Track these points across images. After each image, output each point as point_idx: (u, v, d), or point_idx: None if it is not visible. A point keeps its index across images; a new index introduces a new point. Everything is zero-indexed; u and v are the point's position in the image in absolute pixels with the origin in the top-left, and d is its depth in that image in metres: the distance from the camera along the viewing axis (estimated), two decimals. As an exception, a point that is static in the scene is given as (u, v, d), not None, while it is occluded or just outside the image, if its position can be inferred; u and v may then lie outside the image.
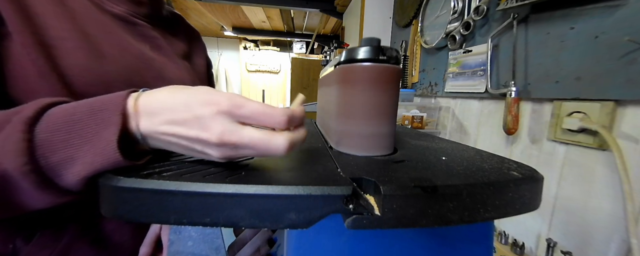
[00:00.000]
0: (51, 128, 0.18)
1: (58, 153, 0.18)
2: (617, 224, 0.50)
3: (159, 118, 0.19)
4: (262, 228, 0.18)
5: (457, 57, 0.91)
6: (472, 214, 0.18)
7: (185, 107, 0.19)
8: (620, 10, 0.48)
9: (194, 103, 0.19)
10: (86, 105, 0.19)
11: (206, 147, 0.19)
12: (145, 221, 0.18)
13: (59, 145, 0.18)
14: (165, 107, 0.19)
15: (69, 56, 0.26)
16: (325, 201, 0.17)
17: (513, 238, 0.68)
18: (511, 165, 0.24)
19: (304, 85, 2.16)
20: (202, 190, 0.17)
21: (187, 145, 0.19)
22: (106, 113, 0.19)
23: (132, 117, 0.19)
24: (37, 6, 0.25)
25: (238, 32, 3.19)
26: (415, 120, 0.95)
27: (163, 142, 0.20)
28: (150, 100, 0.20)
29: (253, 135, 0.18)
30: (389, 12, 1.45)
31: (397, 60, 0.25)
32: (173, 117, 0.19)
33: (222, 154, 0.19)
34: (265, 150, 0.19)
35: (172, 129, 0.19)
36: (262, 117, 0.19)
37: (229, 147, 0.19)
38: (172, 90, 0.20)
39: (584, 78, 0.54)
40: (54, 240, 0.29)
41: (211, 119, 0.18)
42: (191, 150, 0.20)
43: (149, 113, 0.19)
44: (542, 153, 0.64)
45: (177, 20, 0.45)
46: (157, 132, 0.19)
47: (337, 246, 0.23)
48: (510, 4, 0.65)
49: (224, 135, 0.18)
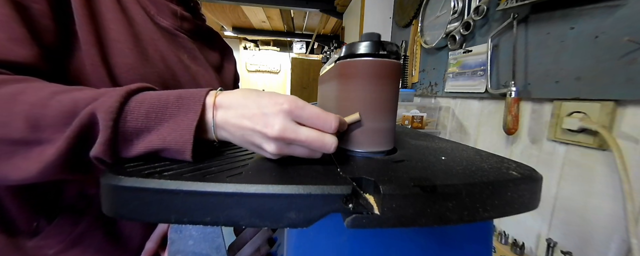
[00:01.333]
0: (142, 101, 0.22)
1: (138, 122, 0.21)
2: (617, 224, 0.50)
3: (233, 112, 0.22)
4: (263, 227, 0.18)
5: (457, 57, 0.91)
6: (471, 213, 0.18)
7: (255, 104, 0.22)
8: (620, 10, 0.48)
9: (264, 103, 0.22)
10: (174, 93, 0.23)
11: (265, 140, 0.21)
12: (146, 221, 0.18)
13: (139, 115, 0.21)
14: (239, 103, 0.23)
15: (119, 55, 0.31)
16: (325, 201, 0.17)
17: (513, 238, 0.68)
18: (510, 165, 0.24)
19: (303, 85, 2.16)
20: (203, 189, 0.17)
21: (249, 138, 0.22)
22: (190, 101, 0.22)
23: (209, 109, 0.23)
24: (104, 12, 0.31)
25: (238, 32, 3.19)
26: (415, 120, 0.95)
27: (230, 133, 0.23)
28: (228, 97, 0.23)
29: (309, 134, 0.21)
30: (389, 12, 1.45)
31: (398, 55, 0.25)
32: (244, 111, 0.22)
33: (277, 149, 0.21)
34: (319, 147, 0.21)
35: (241, 122, 0.22)
36: (318, 120, 0.22)
37: (285, 142, 0.21)
38: (245, 92, 0.24)
39: (584, 78, 0.54)
40: (72, 225, 0.31)
41: (274, 116, 0.21)
42: (251, 144, 0.23)
43: (225, 107, 0.23)
44: (542, 153, 0.64)
45: (214, 36, 0.52)
46: (228, 123, 0.22)
47: (337, 246, 0.23)
48: (510, 4, 0.65)
49: (283, 131, 0.21)
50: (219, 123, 0.23)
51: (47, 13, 0.27)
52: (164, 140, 0.21)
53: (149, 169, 0.20)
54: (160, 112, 0.22)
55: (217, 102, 0.23)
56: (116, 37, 0.31)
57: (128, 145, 0.22)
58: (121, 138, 0.21)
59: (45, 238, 0.31)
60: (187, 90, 0.24)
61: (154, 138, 0.22)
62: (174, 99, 0.22)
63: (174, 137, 0.21)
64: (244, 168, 0.21)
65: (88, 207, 0.32)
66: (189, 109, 0.22)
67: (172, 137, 0.21)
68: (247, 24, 2.98)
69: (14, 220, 0.30)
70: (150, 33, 0.35)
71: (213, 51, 0.49)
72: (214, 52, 0.49)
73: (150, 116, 0.22)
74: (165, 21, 0.38)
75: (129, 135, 0.22)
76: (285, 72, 3.70)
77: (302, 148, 0.22)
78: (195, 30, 0.44)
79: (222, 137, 0.24)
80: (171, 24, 0.39)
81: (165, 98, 0.22)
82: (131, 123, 0.21)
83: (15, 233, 0.30)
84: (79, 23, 0.28)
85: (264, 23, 2.95)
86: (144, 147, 0.22)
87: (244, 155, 0.25)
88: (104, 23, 0.30)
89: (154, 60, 0.34)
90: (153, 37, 0.35)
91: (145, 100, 0.22)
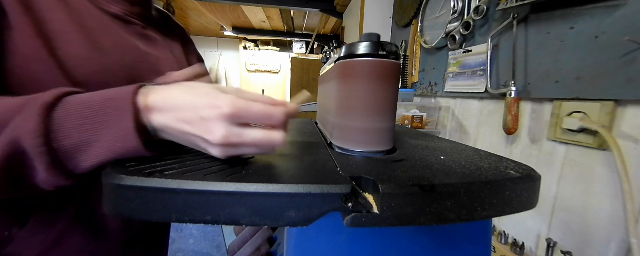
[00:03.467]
0: (67, 114, 0.20)
1: (72, 138, 0.19)
2: (617, 224, 0.50)
3: (170, 115, 0.21)
4: (263, 226, 0.18)
5: (457, 57, 0.91)
6: (470, 212, 0.18)
7: (192, 108, 0.20)
8: (620, 10, 0.48)
9: (200, 105, 0.20)
10: (99, 96, 0.21)
11: (209, 146, 0.21)
12: (148, 219, 0.18)
13: (73, 129, 0.19)
14: (175, 105, 0.21)
15: (69, 47, 0.28)
16: (324, 200, 0.18)
17: (513, 238, 0.68)
18: (509, 165, 0.24)
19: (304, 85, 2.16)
20: (204, 189, 0.17)
21: (193, 142, 0.21)
22: (120, 102, 0.20)
23: (143, 110, 0.21)
24: (38, 1, 0.27)
25: (238, 32, 3.19)
26: (415, 120, 0.95)
27: (173, 137, 0.22)
28: (161, 97, 0.21)
29: (255, 135, 0.20)
30: (389, 12, 1.45)
31: (397, 56, 0.25)
32: (181, 115, 0.21)
33: (222, 153, 0.21)
34: (267, 146, 0.21)
35: (181, 127, 0.21)
36: (264, 117, 0.21)
37: (231, 147, 0.20)
38: (183, 90, 0.22)
39: (584, 78, 0.54)
40: (47, 226, 0.29)
41: (215, 122, 0.20)
42: (195, 146, 0.22)
43: (160, 109, 0.21)
44: (542, 153, 0.64)
45: (167, 19, 0.47)
46: (169, 127, 0.21)
47: (337, 245, 0.23)
48: (510, 4, 0.65)
49: (226, 138, 0.20)
50: (159, 128, 0.21)
51: None
52: (114, 150, 0.20)
53: (150, 168, 0.20)
54: (93, 121, 0.20)
55: (150, 104, 0.21)
56: (59, 27, 0.27)
57: (75, 162, 0.20)
58: (63, 158, 0.20)
59: (20, 243, 0.28)
60: (112, 91, 0.21)
61: (101, 150, 0.20)
62: (100, 104, 0.20)
63: (122, 145, 0.20)
64: (245, 167, 0.21)
65: (62, 205, 0.30)
66: (121, 113, 0.20)
67: (119, 145, 0.20)
68: (247, 24, 2.99)
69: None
70: (99, 21, 0.32)
71: (170, 37, 0.45)
72: (172, 37, 0.46)
73: (83, 128, 0.20)
74: (114, 7, 0.35)
75: (71, 152, 0.20)
76: (285, 72, 3.71)
77: (250, 149, 0.21)
78: (147, 14, 0.40)
79: (166, 138, 0.22)
80: (121, 9, 0.35)
81: (89, 104, 0.20)
82: (66, 142, 0.19)
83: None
84: (12, 17, 0.25)
85: (264, 23, 2.95)
86: (97, 159, 0.20)
87: (244, 155, 0.25)
88: (42, 12, 0.27)
89: (109, 51, 0.31)
90: (103, 25, 0.32)
91: (69, 111, 0.20)
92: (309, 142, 0.32)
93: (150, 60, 0.36)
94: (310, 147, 0.29)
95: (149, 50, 0.37)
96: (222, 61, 3.63)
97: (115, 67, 0.31)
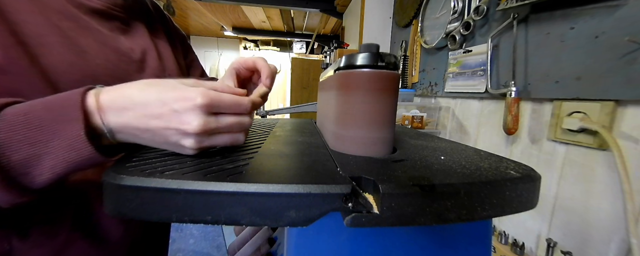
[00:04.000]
0: (7, 128, 0.18)
1: (20, 152, 0.18)
2: (617, 224, 0.50)
3: (131, 113, 0.20)
4: (263, 225, 0.18)
5: (457, 57, 0.91)
6: (469, 212, 0.18)
7: (160, 102, 0.20)
8: (620, 10, 0.48)
9: (169, 99, 0.20)
10: (41, 104, 0.19)
11: (183, 137, 0.21)
12: (148, 219, 0.18)
13: (18, 143, 0.18)
14: (138, 102, 0.20)
15: (50, 54, 0.26)
16: (324, 200, 0.18)
17: (513, 238, 0.68)
18: (509, 164, 0.24)
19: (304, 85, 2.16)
20: (204, 189, 0.17)
21: (160, 138, 0.21)
22: (66, 110, 0.19)
23: (94, 113, 0.20)
24: (8, 4, 0.24)
25: (238, 32, 3.19)
26: (415, 120, 0.95)
27: (133, 136, 0.21)
28: (117, 95, 0.20)
29: (229, 120, 0.22)
30: (389, 12, 1.45)
31: (396, 66, 0.25)
32: (147, 111, 0.20)
33: (197, 143, 0.21)
34: (240, 129, 0.23)
35: (147, 123, 0.20)
36: (234, 106, 0.22)
37: (206, 136, 0.21)
38: (142, 86, 0.21)
39: (584, 78, 0.54)
40: (50, 237, 0.29)
41: (189, 113, 0.20)
42: (164, 143, 0.21)
43: (117, 108, 0.20)
44: (542, 153, 0.64)
45: (153, 8, 0.44)
46: (129, 126, 0.20)
47: (337, 245, 0.23)
48: (510, 4, 0.65)
49: (204, 125, 0.20)
50: (116, 128, 0.20)
51: None
52: (68, 161, 0.19)
53: (150, 168, 0.20)
54: (40, 131, 0.18)
55: (104, 104, 0.20)
56: (37, 30, 0.25)
57: (30, 177, 0.19)
58: (14, 174, 0.18)
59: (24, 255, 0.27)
60: (54, 96, 0.20)
61: (54, 161, 0.19)
62: (42, 112, 0.19)
63: (76, 154, 0.19)
64: (245, 167, 0.21)
65: (62, 216, 0.29)
66: (69, 119, 0.19)
67: (72, 154, 0.19)
68: (247, 24, 2.99)
69: None
70: (73, 18, 0.29)
71: (153, 24, 0.41)
72: (154, 24, 0.42)
73: (30, 141, 0.18)
74: (93, 0, 0.32)
75: (22, 167, 0.18)
76: (285, 72, 3.71)
77: (223, 136, 0.22)
78: (132, 6, 0.37)
79: (123, 140, 0.21)
80: (102, 2, 0.32)
81: (34, 113, 0.18)
82: (15, 157, 0.18)
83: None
84: None
85: (264, 23, 2.95)
86: (52, 171, 0.19)
87: (244, 154, 0.25)
88: (13, 16, 0.24)
89: (91, 53, 0.29)
90: (79, 22, 0.29)
91: (12, 123, 0.18)
92: (309, 142, 0.32)
93: (134, 57, 0.34)
94: (310, 147, 0.29)
95: (133, 44, 0.35)
96: (222, 61, 3.63)
97: (99, 71, 0.29)
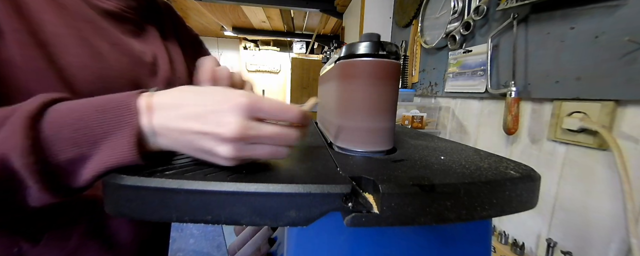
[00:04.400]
0: (57, 126, 0.18)
1: (66, 152, 0.18)
2: (617, 224, 0.50)
3: (173, 112, 0.19)
4: (263, 225, 0.18)
5: (457, 57, 0.91)
6: (469, 212, 0.18)
7: (200, 101, 0.19)
8: (620, 10, 0.48)
9: (209, 100, 0.19)
10: (94, 104, 0.19)
11: (219, 143, 0.18)
12: (148, 219, 0.18)
13: (66, 143, 0.18)
14: (180, 102, 0.19)
15: (67, 54, 0.26)
16: (324, 200, 0.18)
17: (513, 238, 0.68)
18: (509, 164, 0.24)
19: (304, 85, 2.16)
20: (204, 188, 0.17)
21: (197, 143, 0.19)
22: (119, 112, 0.19)
23: (144, 114, 0.19)
24: (30, 3, 0.25)
25: (238, 32, 3.19)
26: (415, 120, 0.95)
27: (173, 140, 0.20)
28: (164, 97, 0.20)
29: (272, 130, 0.19)
30: (389, 12, 1.45)
31: (397, 55, 0.25)
32: (187, 111, 0.19)
33: (234, 151, 0.18)
34: (284, 141, 0.20)
35: (184, 124, 0.19)
36: (281, 112, 0.19)
37: (244, 142, 0.18)
38: (186, 88, 0.21)
39: (584, 78, 0.54)
40: (63, 240, 0.29)
41: (228, 114, 0.18)
42: (199, 150, 0.19)
43: (162, 108, 0.19)
44: (542, 153, 0.64)
45: (168, 10, 0.44)
46: (169, 127, 0.19)
47: (337, 245, 0.23)
48: (510, 4, 0.65)
49: (242, 129, 0.18)
50: (157, 130, 0.19)
51: None
52: (106, 165, 0.18)
53: (151, 168, 0.20)
54: (89, 134, 0.18)
55: (153, 105, 0.19)
56: (56, 30, 0.25)
57: (72, 176, 0.19)
58: (58, 173, 0.18)
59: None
60: (109, 99, 0.19)
61: (96, 164, 0.18)
62: (95, 115, 0.18)
63: (117, 160, 0.18)
64: (245, 167, 0.21)
65: (76, 219, 0.29)
66: (122, 122, 0.18)
67: (113, 160, 0.18)
68: (247, 24, 2.99)
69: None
70: (91, 21, 0.29)
71: (166, 30, 0.41)
72: (168, 30, 0.42)
73: (79, 142, 0.18)
74: (108, 2, 0.32)
75: (67, 167, 0.18)
76: (285, 72, 3.71)
77: (264, 147, 0.19)
78: (145, 9, 0.37)
79: (163, 147, 0.20)
80: (116, 5, 0.32)
81: (84, 115, 0.18)
82: (61, 157, 0.17)
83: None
84: (4, 22, 0.23)
85: (264, 23, 2.95)
86: (92, 175, 0.18)
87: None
88: (34, 15, 0.24)
89: (106, 55, 0.29)
90: (96, 25, 0.30)
91: (61, 123, 0.18)
92: (309, 142, 0.32)
93: (146, 60, 0.34)
94: (310, 146, 0.29)
95: (145, 48, 0.35)
96: (222, 61, 3.63)
97: (114, 73, 0.29)
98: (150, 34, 0.38)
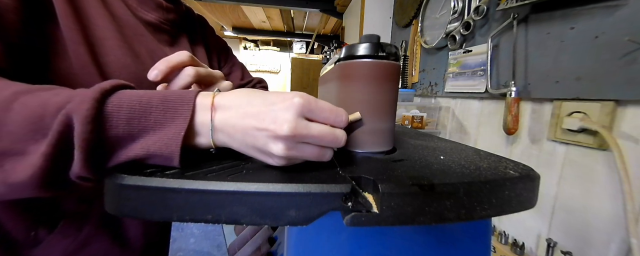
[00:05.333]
0: (118, 105, 0.19)
1: (117, 128, 0.19)
2: (617, 224, 0.50)
3: (234, 111, 0.21)
4: (263, 225, 0.18)
5: (457, 57, 0.91)
6: (469, 212, 0.18)
7: (260, 101, 0.20)
8: (620, 10, 0.48)
9: (269, 98, 0.20)
10: (158, 95, 0.20)
11: (272, 139, 0.19)
12: (148, 219, 0.18)
13: (120, 121, 0.19)
14: (241, 102, 0.21)
15: (109, 54, 0.30)
16: (324, 199, 0.18)
17: (513, 238, 0.69)
18: (508, 164, 0.24)
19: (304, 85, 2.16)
20: (204, 188, 0.17)
21: (251, 139, 0.20)
22: (177, 104, 0.20)
23: (206, 111, 0.21)
24: (87, 8, 0.29)
25: (238, 32, 3.19)
26: (415, 120, 0.95)
27: (229, 136, 0.21)
28: (226, 97, 0.21)
29: (321, 128, 0.20)
30: (389, 12, 1.45)
31: (397, 57, 0.25)
32: (247, 109, 0.20)
33: (285, 149, 0.19)
34: (331, 142, 0.21)
35: (243, 121, 0.20)
36: (330, 114, 0.21)
37: (295, 140, 0.19)
38: (247, 90, 0.22)
39: (584, 78, 0.54)
40: (76, 229, 0.31)
41: (284, 111, 0.19)
42: (252, 147, 0.21)
43: (224, 107, 0.21)
44: (542, 153, 0.64)
45: (202, 24, 0.49)
46: (228, 124, 0.20)
47: (337, 244, 0.23)
48: (510, 4, 0.65)
49: (294, 127, 0.19)
50: (217, 126, 0.21)
51: (14, 6, 0.23)
52: (147, 150, 0.19)
53: (151, 168, 0.20)
54: (144, 118, 0.19)
55: (216, 103, 0.21)
56: (103, 34, 0.29)
57: (109, 155, 0.19)
58: (101, 149, 0.19)
59: (48, 246, 0.29)
60: (173, 92, 0.21)
61: (137, 147, 0.19)
62: (158, 102, 0.20)
63: (159, 146, 0.19)
64: (245, 166, 0.21)
65: (90, 210, 0.31)
66: (176, 114, 0.20)
67: (157, 146, 0.19)
68: (247, 24, 2.99)
69: (8, 232, 0.28)
70: (134, 28, 0.33)
71: (195, 39, 0.45)
72: (197, 40, 0.45)
73: (133, 123, 0.19)
74: (150, 14, 0.36)
75: (110, 145, 0.19)
76: (285, 72, 3.71)
77: (312, 148, 0.20)
78: (181, 21, 0.41)
79: (220, 142, 0.21)
80: (156, 17, 0.36)
81: (147, 100, 0.20)
82: (112, 132, 0.19)
83: (12, 245, 0.28)
84: (63, 22, 0.26)
85: (264, 23, 2.95)
86: (126, 156, 0.19)
87: (244, 155, 0.25)
88: (89, 20, 0.29)
89: (143, 57, 0.33)
90: (138, 32, 0.33)
91: (123, 102, 0.19)
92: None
93: None
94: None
95: None
96: (222, 61, 3.63)
97: (146, 75, 0.31)
98: (182, 43, 0.42)
